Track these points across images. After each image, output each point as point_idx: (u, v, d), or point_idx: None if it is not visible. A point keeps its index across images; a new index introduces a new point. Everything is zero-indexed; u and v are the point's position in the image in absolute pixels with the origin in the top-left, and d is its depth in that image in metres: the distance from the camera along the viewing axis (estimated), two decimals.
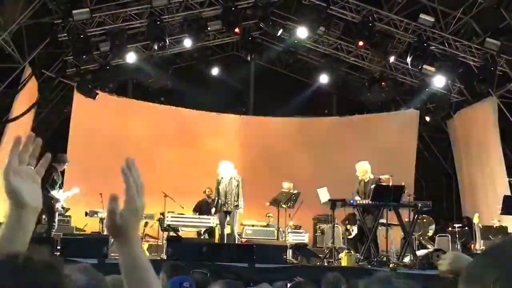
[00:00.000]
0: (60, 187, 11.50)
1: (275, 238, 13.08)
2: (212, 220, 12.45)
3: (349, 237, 13.08)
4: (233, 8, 14.54)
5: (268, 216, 14.46)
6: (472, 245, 13.22)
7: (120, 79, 16.64)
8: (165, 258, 10.50)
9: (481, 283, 1.23)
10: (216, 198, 12.12)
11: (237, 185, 12.04)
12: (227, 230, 11.89)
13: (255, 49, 16.25)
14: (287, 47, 16.51)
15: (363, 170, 12.08)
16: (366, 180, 12.03)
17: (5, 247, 1.49)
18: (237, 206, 11.88)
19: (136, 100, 18.15)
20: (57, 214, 11.41)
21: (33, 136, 1.65)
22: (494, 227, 13.24)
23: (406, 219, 12.02)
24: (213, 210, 12.43)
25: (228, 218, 12.01)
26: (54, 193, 11.09)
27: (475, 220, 13.18)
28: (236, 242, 12.17)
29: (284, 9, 16.08)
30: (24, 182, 1.57)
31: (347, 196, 11.82)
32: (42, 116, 17.15)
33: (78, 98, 16.08)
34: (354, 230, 12.79)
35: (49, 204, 10.81)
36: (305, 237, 13.57)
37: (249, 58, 16.40)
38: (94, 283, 2.30)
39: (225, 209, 11.89)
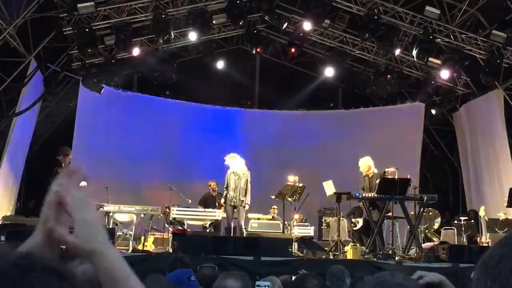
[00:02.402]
0: None
1: (281, 231, 13.08)
2: (218, 214, 12.47)
3: (354, 228, 13.08)
4: (238, 1, 14.50)
5: (273, 209, 14.48)
6: (478, 238, 13.19)
7: (125, 72, 16.63)
8: (171, 251, 10.53)
9: (497, 272, 1.24)
10: (225, 192, 12.17)
11: (246, 181, 12.11)
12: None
13: (260, 42, 16.22)
14: (292, 40, 16.46)
15: (366, 165, 12.08)
16: (370, 175, 12.02)
17: None
18: (242, 202, 11.98)
19: (141, 94, 18.16)
20: None
21: (80, 168, 1.57)
22: (500, 220, 13.21)
23: (412, 212, 12.02)
24: (222, 201, 12.43)
25: (235, 212, 12.09)
26: None
27: (481, 213, 13.16)
28: (244, 235, 12.23)
29: (289, 2, 16.04)
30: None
31: (352, 189, 11.83)
32: (47, 110, 17.19)
33: (83, 92, 16.11)
34: (360, 222, 12.79)
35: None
36: (310, 230, 13.57)
37: (254, 52, 16.38)
38: None
39: (233, 203, 11.98)
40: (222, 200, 12.41)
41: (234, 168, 12.17)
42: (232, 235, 12.09)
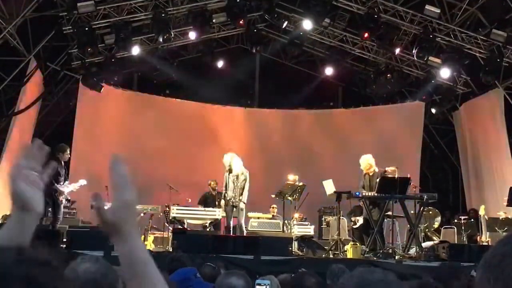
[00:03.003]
0: (65, 179, 11.43)
1: (281, 230, 13.08)
2: (218, 213, 12.47)
3: (354, 227, 13.08)
4: (238, 0, 14.49)
5: (273, 208, 14.48)
6: (478, 237, 13.19)
7: (125, 71, 16.63)
8: (171, 250, 10.52)
9: (500, 271, 1.24)
10: (224, 191, 12.18)
11: (244, 180, 12.12)
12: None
13: (260, 41, 16.21)
14: (292, 39, 16.44)
15: (368, 164, 12.07)
16: (371, 174, 12.01)
17: None
18: (240, 200, 12.01)
19: (141, 93, 18.15)
20: (62, 206, 11.35)
21: (40, 143, 1.71)
22: (500, 219, 13.20)
23: (412, 211, 12.02)
24: (222, 202, 12.43)
25: (234, 211, 12.10)
26: (59, 185, 11.04)
27: (481, 212, 13.15)
28: (244, 234, 12.23)
29: (289, 1, 16.03)
30: (28, 187, 1.63)
31: (352, 188, 11.83)
32: (47, 109, 17.18)
33: (83, 91, 16.11)
34: (360, 221, 12.79)
35: (53, 197, 10.80)
36: (310, 229, 13.56)
37: (254, 51, 16.37)
38: (105, 271, 2.31)
39: (231, 203, 12.00)
40: (222, 202, 12.39)
41: (231, 168, 12.18)
42: (232, 234, 12.08)
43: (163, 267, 5.69)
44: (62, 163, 11.34)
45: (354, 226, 13.11)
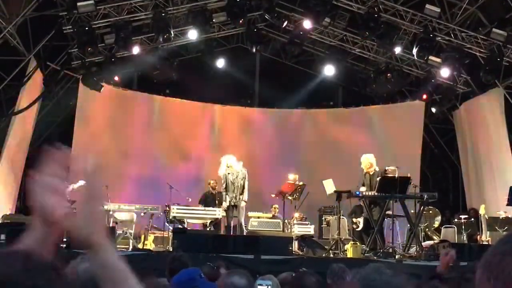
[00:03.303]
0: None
1: (281, 229, 13.09)
2: (218, 212, 12.48)
3: (357, 229, 13.09)
4: (238, 0, 14.49)
5: (274, 207, 14.49)
6: (478, 237, 13.19)
7: (125, 71, 16.63)
8: (171, 250, 10.52)
9: (500, 270, 1.24)
10: (224, 193, 12.20)
11: (243, 178, 12.14)
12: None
13: (260, 41, 16.21)
14: (292, 38, 16.43)
15: (368, 163, 12.07)
16: (371, 173, 12.02)
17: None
18: (240, 199, 12.04)
19: (141, 93, 18.15)
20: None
21: (63, 147, 1.63)
22: (501, 218, 13.20)
23: (412, 211, 12.02)
24: (224, 205, 12.44)
25: (235, 211, 12.12)
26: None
27: (481, 211, 13.15)
28: (244, 234, 12.25)
29: (289, 1, 16.02)
30: (54, 198, 1.52)
31: (352, 188, 11.83)
32: (47, 108, 17.17)
33: (83, 91, 16.10)
34: (361, 223, 12.80)
35: None
36: (310, 229, 13.57)
37: (254, 50, 16.37)
38: None
39: (232, 203, 12.02)
40: (224, 204, 12.39)
41: (228, 169, 12.22)
42: (232, 233, 12.09)
43: (164, 267, 5.70)
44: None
45: (357, 229, 13.12)
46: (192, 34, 15.37)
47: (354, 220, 13.14)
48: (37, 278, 1.24)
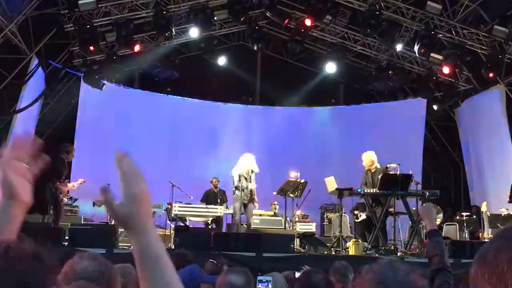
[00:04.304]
0: (66, 178, 11.38)
1: (283, 227, 13.08)
2: (219, 210, 12.48)
3: (357, 221, 13.09)
4: None
5: (275, 205, 14.49)
6: (480, 234, 13.19)
7: (126, 69, 16.64)
8: (173, 248, 10.53)
9: (495, 266, 1.24)
10: (235, 190, 12.17)
11: (254, 179, 12.18)
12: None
13: (261, 38, 16.20)
14: (293, 36, 16.41)
15: (370, 160, 12.06)
16: (373, 170, 12.01)
17: None
18: (253, 200, 12.06)
19: (142, 90, 18.16)
20: (62, 204, 11.33)
21: (33, 136, 1.76)
22: (503, 215, 13.20)
23: (414, 208, 12.01)
24: (234, 204, 12.43)
25: (242, 210, 12.12)
26: (61, 184, 11.00)
27: (483, 208, 13.14)
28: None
29: None
30: (18, 177, 1.67)
31: (354, 185, 11.82)
32: (49, 107, 17.19)
33: (84, 89, 16.11)
34: (362, 216, 12.80)
35: (54, 195, 10.78)
36: (312, 226, 13.57)
37: (255, 48, 16.36)
38: (103, 269, 2.31)
39: (243, 201, 12.01)
40: (237, 204, 12.35)
41: (243, 167, 12.22)
42: (235, 230, 12.08)
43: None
44: (65, 162, 11.30)
45: (357, 220, 13.11)
46: (194, 32, 15.36)
47: (356, 212, 13.15)
48: (17, 264, 1.25)
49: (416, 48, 15.00)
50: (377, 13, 14.56)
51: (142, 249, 1.46)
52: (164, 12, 14.43)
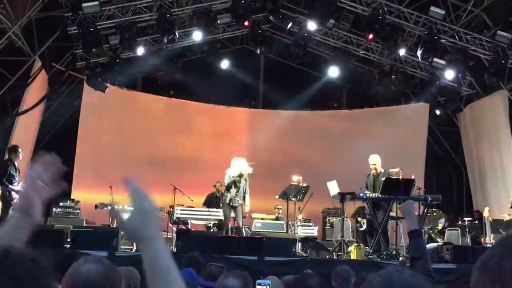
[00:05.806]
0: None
1: (284, 231, 13.08)
2: (221, 214, 12.48)
3: (361, 229, 13.07)
4: (242, 1, 14.49)
5: (277, 208, 14.48)
6: (482, 239, 13.17)
7: (129, 72, 16.66)
8: (175, 251, 10.52)
9: (497, 273, 1.23)
10: (226, 193, 12.18)
11: (246, 182, 12.14)
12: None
13: (264, 42, 16.22)
14: (296, 40, 16.42)
15: (373, 164, 12.05)
16: (375, 174, 12.00)
17: None
18: (243, 203, 12.05)
19: (145, 94, 18.18)
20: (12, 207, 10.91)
21: (59, 160, 1.83)
22: (505, 220, 13.19)
23: (416, 213, 11.98)
24: (223, 208, 12.44)
25: (233, 213, 12.11)
26: (13, 186, 10.63)
27: (485, 213, 13.13)
28: (244, 235, 12.23)
29: (293, 2, 16.03)
30: (36, 197, 1.76)
31: (356, 190, 11.81)
32: (52, 109, 17.22)
33: (87, 91, 16.13)
34: (364, 226, 12.78)
35: (6, 198, 10.56)
36: (314, 230, 13.56)
37: (258, 51, 16.37)
38: (107, 272, 2.31)
39: (232, 203, 12.00)
40: (225, 207, 12.35)
41: (232, 171, 12.21)
42: (231, 234, 12.07)
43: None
44: (15, 163, 11.08)
45: (361, 229, 13.08)
46: (197, 35, 15.38)
47: (359, 219, 13.14)
48: (16, 269, 1.26)
49: (419, 52, 14.99)
50: (380, 17, 14.56)
51: (152, 261, 1.49)
52: (168, 16, 14.45)
